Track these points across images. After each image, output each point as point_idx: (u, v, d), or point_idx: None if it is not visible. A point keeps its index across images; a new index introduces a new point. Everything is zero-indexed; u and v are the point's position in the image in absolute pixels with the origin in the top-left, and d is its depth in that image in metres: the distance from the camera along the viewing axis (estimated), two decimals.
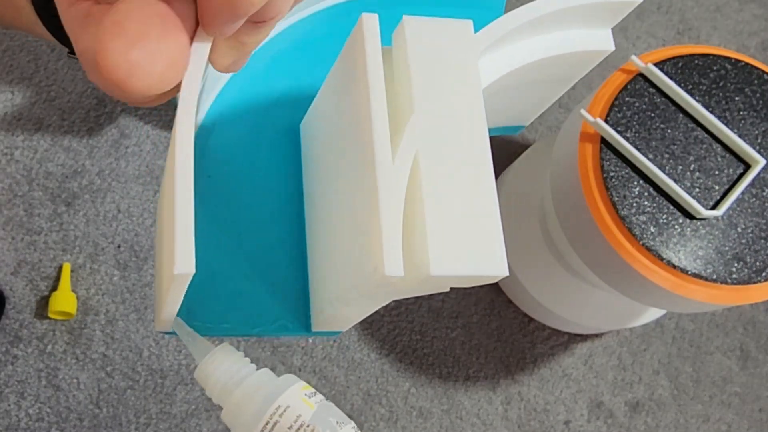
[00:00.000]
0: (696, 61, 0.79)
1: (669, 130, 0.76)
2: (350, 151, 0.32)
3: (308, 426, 0.30)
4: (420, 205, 0.29)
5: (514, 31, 0.34)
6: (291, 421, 0.30)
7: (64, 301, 1.03)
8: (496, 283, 1.13)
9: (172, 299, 0.30)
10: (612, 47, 0.41)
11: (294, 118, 0.41)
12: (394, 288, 0.30)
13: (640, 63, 0.77)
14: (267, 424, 0.30)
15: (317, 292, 0.38)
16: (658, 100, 0.77)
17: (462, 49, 0.31)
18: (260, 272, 0.40)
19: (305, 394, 0.31)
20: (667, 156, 0.75)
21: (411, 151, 0.29)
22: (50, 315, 1.04)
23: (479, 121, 0.30)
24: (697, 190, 0.74)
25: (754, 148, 0.76)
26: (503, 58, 0.36)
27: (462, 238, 0.29)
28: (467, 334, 1.12)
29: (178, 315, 0.36)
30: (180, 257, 0.26)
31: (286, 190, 0.40)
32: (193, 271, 0.26)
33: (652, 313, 1.03)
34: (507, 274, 0.30)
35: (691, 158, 0.75)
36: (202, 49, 0.26)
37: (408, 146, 0.29)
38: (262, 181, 0.40)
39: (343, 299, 0.34)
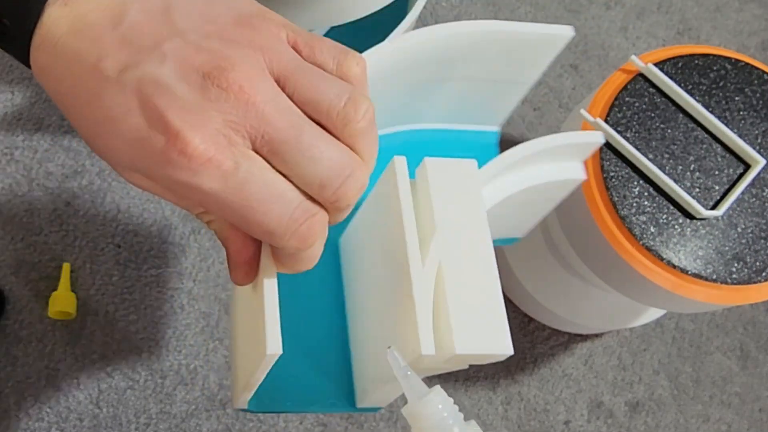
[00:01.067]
0: (696, 61, 0.79)
1: (669, 130, 0.76)
2: (386, 259, 0.42)
3: None
4: (444, 300, 0.38)
5: (507, 167, 0.46)
6: None
7: (64, 301, 1.03)
8: None
9: (257, 378, 0.38)
10: (583, 177, 0.52)
11: (334, 234, 0.51)
12: (424, 367, 0.38)
13: (640, 63, 0.77)
14: None
15: (360, 374, 0.47)
16: (658, 100, 0.77)
17: (469, 182, 0.42)
18: (313, 360, 0.49)
19: None
20: (667, 156, 0.75)
21: (436, 259, 0.39)
22: (50, 315, 1.04)
23: (485, 235, 0.41)
24: (697, 190, 0.74)
25: (754, 148, 0.76)
26: (500, 186, 0.47)
27: (478, 325, 0.38)
28: None
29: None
30: (271, 340, 0.33)
31: (330, 292, 0.51)
32: (280, 352, 0.34)
33: (652, 313, 1.03)
34: (512, 353, 0.38)
35: (691, 158, 0.76)
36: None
37: (434, 255, 0.39)
38: (310, 284, 0.50)
39: (382, 379, 0.42)
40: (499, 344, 0.38)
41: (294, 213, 0.31)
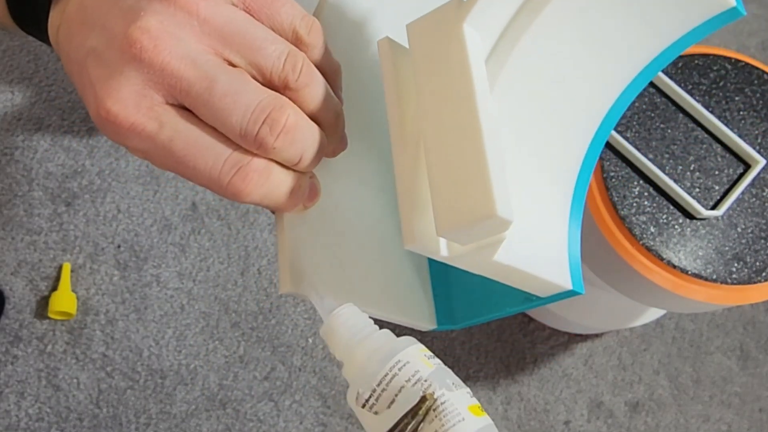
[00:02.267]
0: (696, 61, 0.79)
1: (669, 130, 0.76)
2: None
3: (425, 381, 0.30)
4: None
5: None
6: (409, 375, 0.31)
7: (64, 301, 1.03)
8: None
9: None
10: None
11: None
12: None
13: None
14: (386, 376, 0.31)
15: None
16: (658, 100, 0.77)
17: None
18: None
19: (424, 355, 0.33)
20: (667, 156, 0.75)
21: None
22: (50, 315, 1.04)
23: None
24: (697, 190, 0.75)
25: (754, 148, 0.76)
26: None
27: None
28: (467, 334, 1.12)
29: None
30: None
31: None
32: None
33: (652, 313, 1.03)
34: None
35: (691, 158, 0.76)
36: None
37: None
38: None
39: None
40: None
41: (224, 165, 0.31)
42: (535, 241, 0.36)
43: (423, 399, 0.30)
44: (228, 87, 0.31)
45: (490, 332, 1.12)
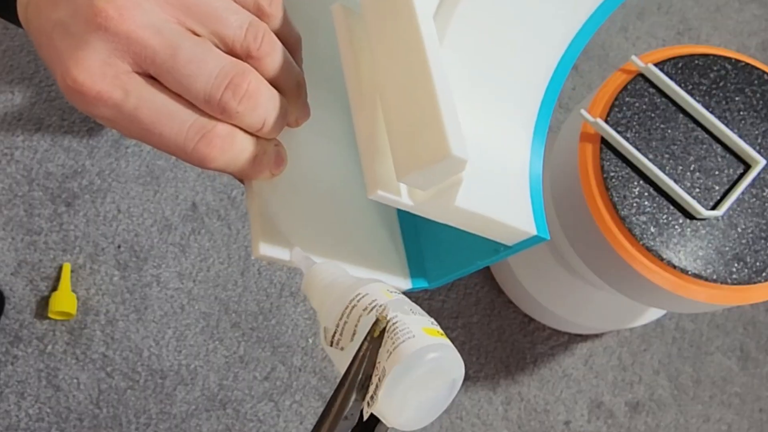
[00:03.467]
0: (696, 62, 0.79)
1: (669, 130, 0.76)
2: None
3: (380, 306, 0.31)
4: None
5: None
6: (366, 304, 0.32)
7: (64, 301, 1.03)
8: (496, 283, 1.13)
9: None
10: None
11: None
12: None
13: (640, 63, 0.77)
14: (346, 308, 0.32)
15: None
16: (658, 100, 0.77)
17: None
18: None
19: (387, 290, 0.34)
20: (667, 156, 0.75)
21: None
22: (50, 315, 1.04)
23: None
24: (697, 190, 0.74)
25: (754, 148, 0.76)
26: None
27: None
28: (467, 334, 1.12)
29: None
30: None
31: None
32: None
33: (652, 314, 1.03)
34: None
35: (691, 158, 0.75)
36: None
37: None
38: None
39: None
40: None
41: (189, 131, 0.32)
42: (496, 187, 0.36)
43: (377, 321, 0.31)
44: (191, 54, 0.31)
45: (490, 332, 1.12)
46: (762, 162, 0.75)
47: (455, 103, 0.32)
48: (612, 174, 0.74)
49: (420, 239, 0.45)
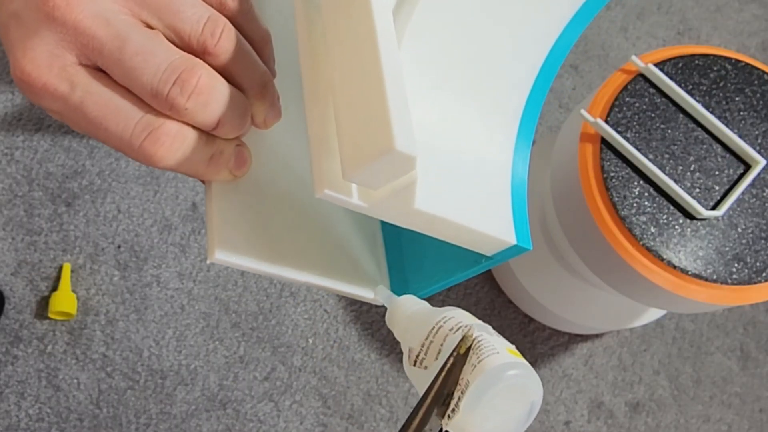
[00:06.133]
0: (696, 62, 0.79)
1: (669, 130, 0.76)
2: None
3: (466, 326, 0.32)
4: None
5: None
6: (452, 324, 0.33)
7: (64, 301, 1.03)
8: (496, 283, 1.13)
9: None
10: None
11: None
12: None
13: (640, 63, 0.77)
14: (432, 329, 0.33)
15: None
16: (658, 100, 0.77)
17: None
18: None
19: (470, 315, 0.35)
20: (667, 156, 0.75)
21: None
22: (50, 315, 1.04)
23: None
24: (698, 190, 0.74)
25: (754, 149, 0.76)
26: None
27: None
28: None
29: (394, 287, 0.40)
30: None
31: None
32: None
33: (652, 314, 1.03)
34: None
35: (691, 158, 0.75)
36: None
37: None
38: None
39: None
40: None
41: (135, 127, 0.31)
42: (467, 191, 0.34)
43: (463, 338, 0.31)
44: (140, 47, 0.30)
45: None
46: (762, 162, 0.75)
47: (407, 97, 0.30)
48: (612, 174, 0.74)
49: (402, 249, 0.43)
